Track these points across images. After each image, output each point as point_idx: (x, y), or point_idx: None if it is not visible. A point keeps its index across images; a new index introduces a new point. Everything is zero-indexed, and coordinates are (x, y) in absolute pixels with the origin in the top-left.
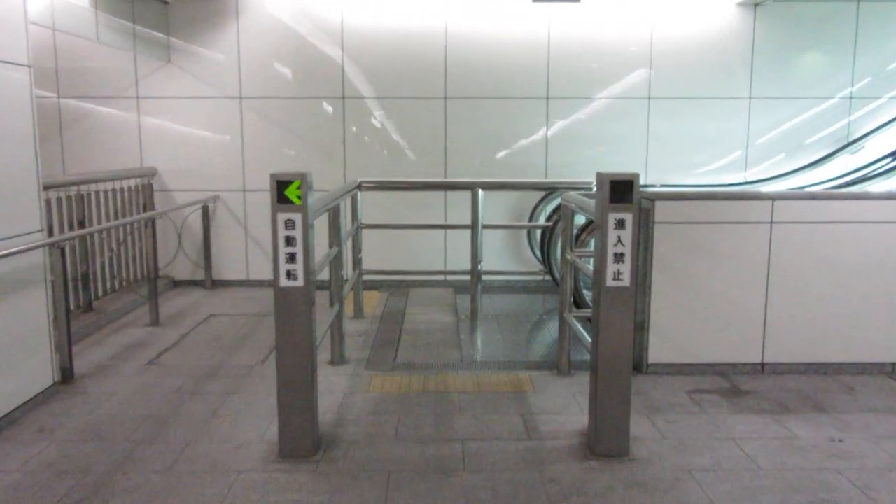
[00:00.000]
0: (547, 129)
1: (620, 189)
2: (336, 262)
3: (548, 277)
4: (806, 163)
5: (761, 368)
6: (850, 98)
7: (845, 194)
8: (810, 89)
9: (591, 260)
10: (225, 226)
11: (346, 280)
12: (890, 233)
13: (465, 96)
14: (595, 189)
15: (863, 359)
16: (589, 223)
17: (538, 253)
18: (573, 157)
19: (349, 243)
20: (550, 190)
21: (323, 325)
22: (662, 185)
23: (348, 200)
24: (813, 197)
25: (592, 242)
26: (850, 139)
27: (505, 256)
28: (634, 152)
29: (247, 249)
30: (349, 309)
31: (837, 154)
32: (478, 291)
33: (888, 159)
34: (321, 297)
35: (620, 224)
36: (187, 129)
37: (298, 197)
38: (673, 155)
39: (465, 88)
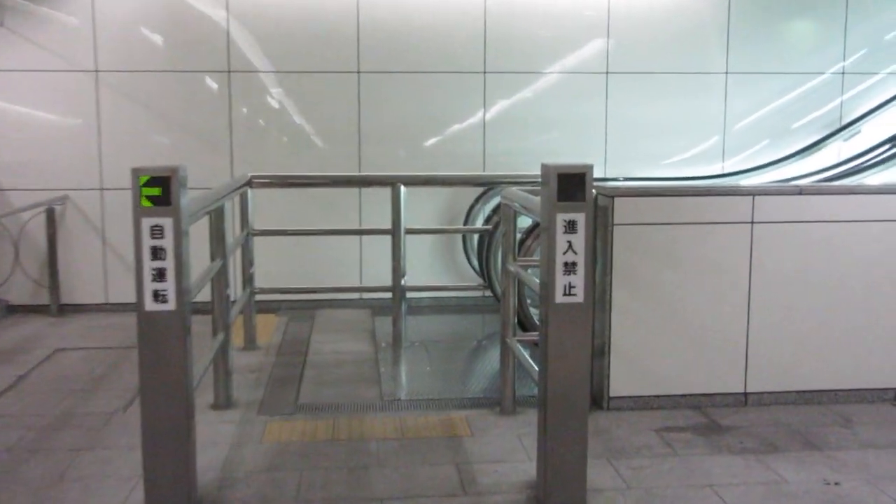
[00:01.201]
0: (485, 111)
1: (571, 184)
2: (220, 279)
3: (488, 293)
4: (793, 151)
5: (744, 399)
6: (843, 74)
7: (839, 188)
8: (796, 63)
9: (539, 271)
10: (76, 235)
11: (234, 302)
12: (892, 233)
13: (384, 70)
14: (541, 184)
15: (862, 384)
16: (535, 226)
17: (476, 263)
18: (517, 144)
19: (237, 255)
20: (490, 186)
21: (203, 359)
22: (626, 179)
23: (236, 200)
24: (801, 191)
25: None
26: (844, 123)
27: (435, 268)
28: (590, 139)
29: (105, 264)
30: (237, 338)
31: (829, 140)
32: (401, 312)
33: (887, 146)
34: (200, 324)
35: (571, 227)
36: (25, 110)
37: (169, 197)
38: (637, 142)
39: (384, 60)
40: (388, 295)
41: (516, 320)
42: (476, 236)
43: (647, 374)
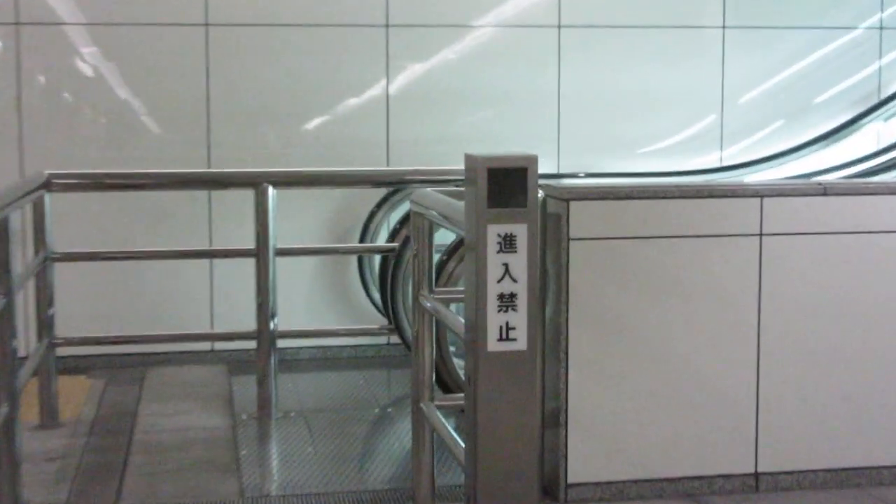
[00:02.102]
0: (388, 81)
1: (507, 183)
2: (1, 327)
3: (396, 339)
4: (815, 135)
5: (754, 483)
6: (881, 29)
7: (879, 187)
8: (818, 15)
9: (463, 306)
10: None
11: (24, 358)
12: None
13: (243, 22)
14: (465, 184)
15: None
16: (460, 243)
17: (377, 296)
18: (434, 128)
19: (28, 289)
20: (396, 186)
21: None
22: (587, 176)
23: (28, 210)
24: (826, 191)
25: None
26: (883, 96)
27: (319, 305)
28: (538, 120)
29: None
30: (29, 412)
31: (864, 120)
32: (270, 369)
33: None
34: None
35: (508, 243)
36: None
37: None
38: (603, 124)
39: (242, 8)
40: (252, 344)
41: (434, 377)
42: (378, 258)
43: (621, 450)
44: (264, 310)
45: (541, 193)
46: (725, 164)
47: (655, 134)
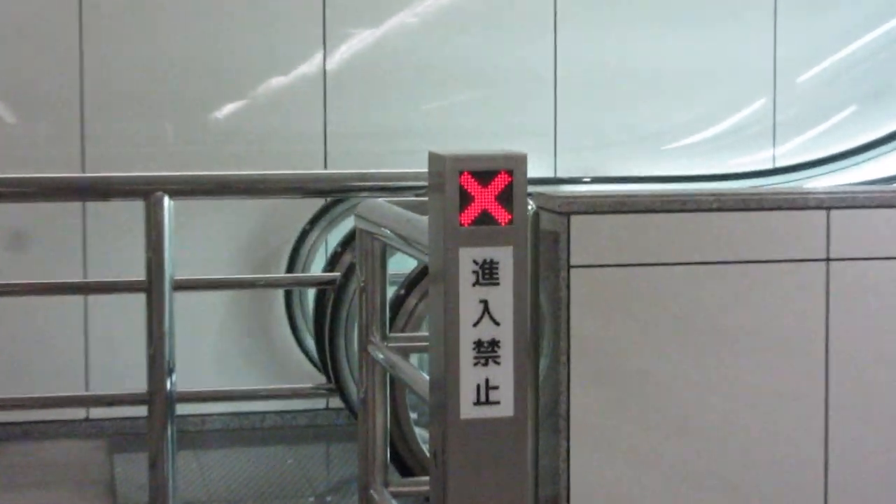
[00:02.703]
0: (325, 54)
1: (486, 192)
2: None
3: (337, 403)
4: None
5: None
6: None
7: None
8: None
9: (427, 358)
10: None
11: None
12: None
13: None
14: (430, 193)
15: None
16: (424, 272)
17: (312, 345)
18: (389, 118)
19: None
20: (337, 197)
21: None
22: (594, 181)
23: None
24: None
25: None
26: None
27: (235, 356)
28: (528, 108)
29: None
30: None
31: None
32: (167, 445)
33: None
34: None
35: (488, 272)
36: None
37: None
38: (616, 112)
39: None
40: (142, 411)
41: (389, 454)
42: (312, 293)
43: None
44: (158, 363)
45: (531, 205)
46: (779, 164)
47: (685, 125)
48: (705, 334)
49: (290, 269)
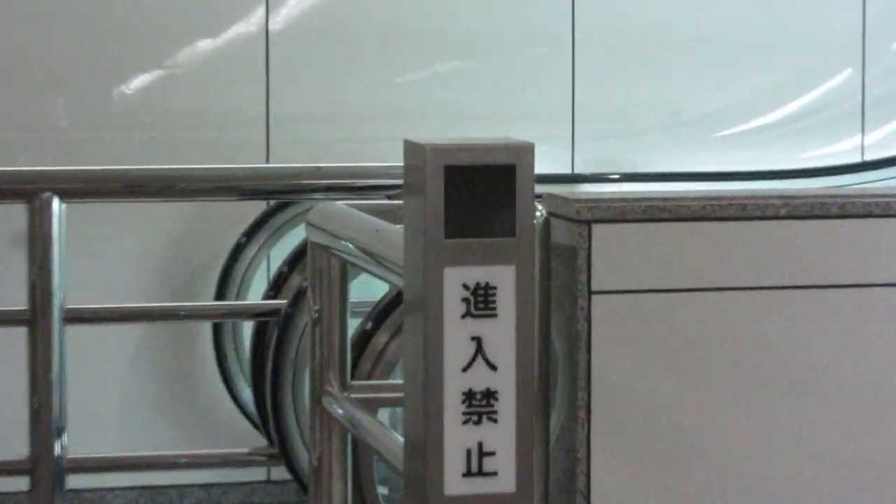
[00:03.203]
0: (268, 9)
1: (479, 193)
2: None
3: (283, 473)
4: None
5: None
6: None
7: None
8: None
9: (401, 414)
10: None
11: None
12: None
13: None
14: (404, 195)
15: None
16: (397, 299)
17: (249, 396)
18: (349, 95)
19: None
20: (282, 199)
21: None
22: (624, 178)
23: None
24: None
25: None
26: None
27: (145, 412)
28: (536, 82)
29: None
30: None
31: None
32: None
33: None
34: None
35: (481, 301)
36: None
37: None
38: (652, 88)
39: None
40: (23, 483)
41: None
42: (250, 327)
43: None
44: (44, 420)
45: (541, 211)
46: (869, 158)
47: (743, 105)
48: (771, 381)
49: (220, 294)
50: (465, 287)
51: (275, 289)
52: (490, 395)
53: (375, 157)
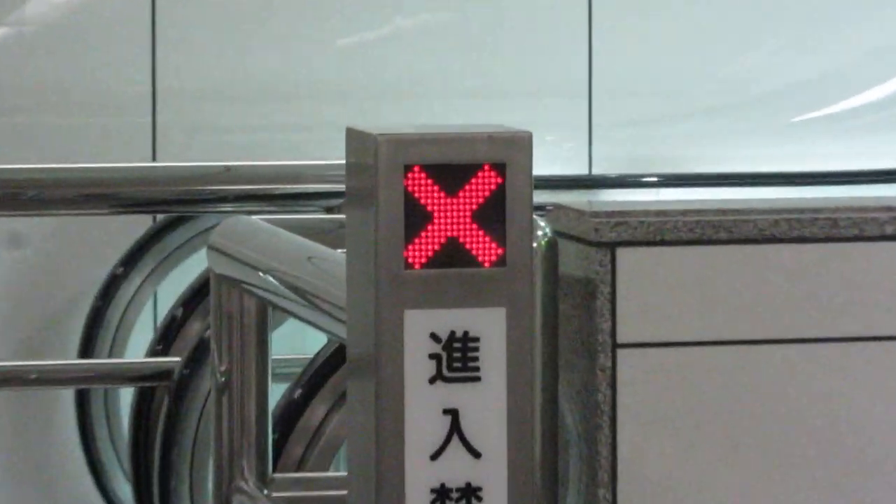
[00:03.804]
0: None
1: (449, 204)
2: None
3: None
4: None
5: None
6: None
7: None
8: None
9: None
10: None
11: None
12: None
13: None
14: (346, 207)
15: None
16: (336, 356)
17: (126, 492)
18: (272, 61)
19: None
20: (174, 213)
21: None
22: (662, 182)
23: None
24: None
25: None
26: None
27: None
28: (543, 48)
29: None
30: None
31: None
32: None
33: None
34: None
35: (459, 357)
36: None
37: None
38: (704, 52)
39: None
40: None
41: None
42: (129, 395)
43: None
44: None
45: (544, 229)
46: None
47: (831, 78)
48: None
49: (86, 349)
50: (435, 338)
51: (164, 340)
52: (471, 492)
53: (308, 152)
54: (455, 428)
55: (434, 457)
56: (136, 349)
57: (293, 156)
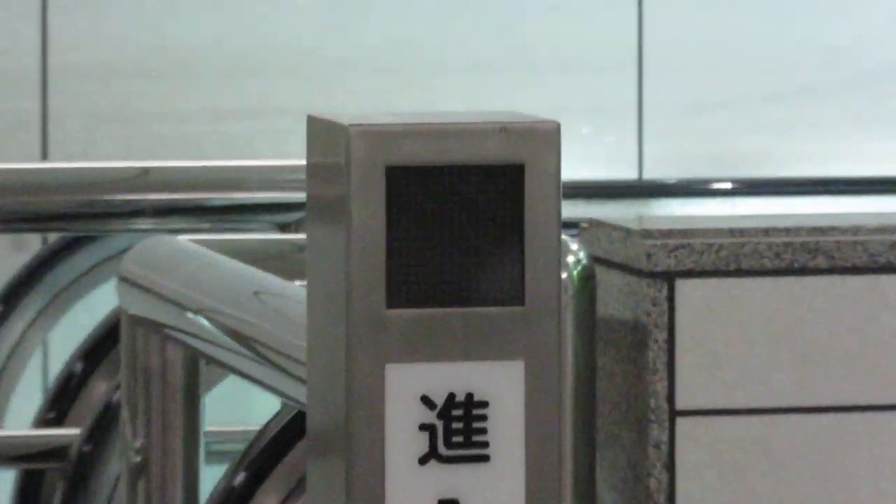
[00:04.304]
0: None
1: (448, 220)
2: None
3: None
4: None
5: None
6: None
7: None
8: None
9: None
10: None
11: None
12: None
13: None
14: (307, 222)
15: None
16: (291, 428)
17: None
18: (188, 30)
19: None
20: (74, 233)
21: None
22: (736, 189)
23: None
24: None
25: None
26: None
27: None
28: (575, 12)
29: None
30: None
31: None
32: None
33: None
34: None
35: (461, 428)
36: None
37: None
38: (797, 13)
39: None
40: None
41: None
42: (10, 480)
43: None
44: None
45: (577, 253)
46: None
47: None
48: None
49: None
50: (428, 403)
51: (58, 406)
52: None
53: (255, 148)
54: None
55: None
56: (19, 417)
57: (234, 153)
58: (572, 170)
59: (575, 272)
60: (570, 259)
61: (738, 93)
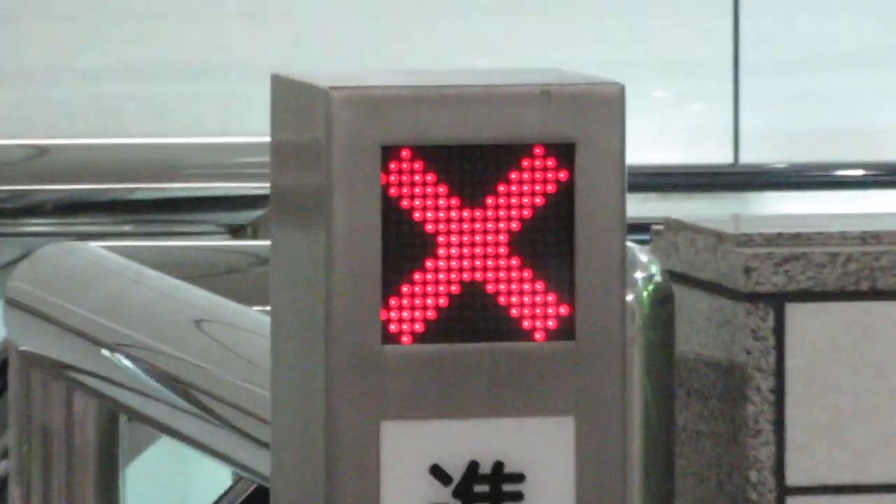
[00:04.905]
0: None
1: (474, 217)
2: None
3: None
4: None
5: None
6: None
7: None
8: None
9: None
10: None
11: None
12: None
13: None
14: (271, 223)
15: None
16: (255, 497)
17: None
18: None
19: None
20: None
21: None
22: (868, 180)
23: None
24: None
25: None
26: None
27: None
28: None
29: None
30: None
31: None
32: None
33: None
34: None
35: (488, 499)
36: None
37: None
38: None
39: None
40: None
41: None
42: None
43: None
44: None
45: (647, 265)
46: None
47: None
48: None
49: None
50: (441, 476)
51: None
52: None
53: (197, 120)
54: None
55: None
56: None
57: (167, 125)
58: (642, 151)
59: (645, 294)
60: (639, 275)
61: (868, 47)
